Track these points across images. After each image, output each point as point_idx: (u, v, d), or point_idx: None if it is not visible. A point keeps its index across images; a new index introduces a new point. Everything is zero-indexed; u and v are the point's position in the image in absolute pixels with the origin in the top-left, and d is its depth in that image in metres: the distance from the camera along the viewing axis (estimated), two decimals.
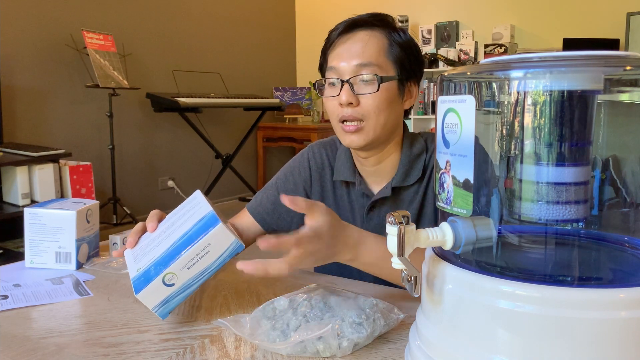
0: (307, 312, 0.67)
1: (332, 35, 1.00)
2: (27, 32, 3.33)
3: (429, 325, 0.55)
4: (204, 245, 0.72)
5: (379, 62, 0.95)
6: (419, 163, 1.02)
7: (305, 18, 5.57)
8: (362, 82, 0.95)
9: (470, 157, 0.51)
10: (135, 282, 0.73)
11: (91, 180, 3.16)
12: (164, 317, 0.75)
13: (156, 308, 0.73)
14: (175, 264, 0.72)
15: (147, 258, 0.76)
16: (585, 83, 0.50)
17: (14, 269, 1.01)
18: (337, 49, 0.98)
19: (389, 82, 0.96)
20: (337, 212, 1.09)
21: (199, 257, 0.73)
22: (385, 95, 0.95)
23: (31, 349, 0.68)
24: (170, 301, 0.73)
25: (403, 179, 1.01)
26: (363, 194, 1.06)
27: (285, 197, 0.73)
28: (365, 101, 0.95)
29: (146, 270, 0.73)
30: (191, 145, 4.45)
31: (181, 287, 0.73)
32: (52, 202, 1.07)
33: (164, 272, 0.72)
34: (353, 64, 0.95)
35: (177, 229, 0.77)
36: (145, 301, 0.72)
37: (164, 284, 0.72)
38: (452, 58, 4.56)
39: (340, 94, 0.95)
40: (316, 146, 1.14)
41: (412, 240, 0.52)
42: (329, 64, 0.99)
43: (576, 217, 0.52)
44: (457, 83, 0.55)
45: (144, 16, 4.07)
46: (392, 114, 0.98)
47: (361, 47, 0.95)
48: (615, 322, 0.45)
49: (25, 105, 3.35)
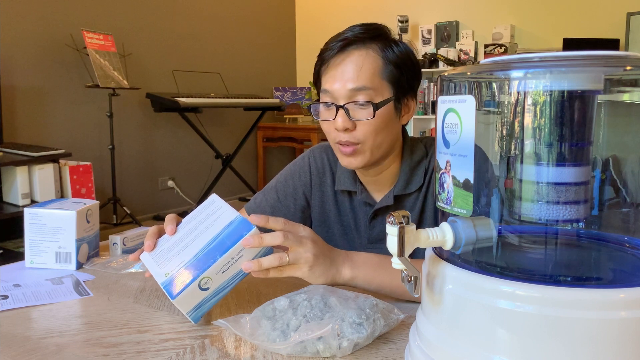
0: (307, 312, 0.67)
1: (325, 55, 0.97)
2: (27, 32, 3.33)
3: (429, 325, 0.55)
4: (239, 249, 0.74)
5: (373, 85, 0.93)
6: (420, 169, 1.02)
7: (305, 18, 5.57)
8: (357, 107, 0.93)
9: (470, 157, 0.51)
10: (168, 286, 0.74)
11: (91, 180, 3.16)
12: (196, 321, 0.76)
13: (190, 312, 0.74)
14: (211, 269, 0.73)
15: (175, 263, 0.76)
16: (585, 83, 0.50)
17: (14, 269, 1.01)
18: (331, 71, 0.95)
19: (385, 106, 0.94)
20: (338, 218, 1.09)
21: (233, 261, 0.74)
22: (381, 119, 0.94)
23: (31, 349, 0.68)
24: (204, 305, 0.75)
25: (405, 187, 1.01)
26: (365, 202, 1.05)
27: (256, 216, 0.78)
28: (361, 126, 0.94)
29: (178, 275, 0.74)
30: (191, 145, 4.45)
31: (215, 291, 0.74)
32: (52, 202, 1.07)
33: (200, 277, 0.73)
34: (347, 87, 0.93)
35: (203, 233, 0.78)
36: (180, 306, 0.73)
37: (200, 289, 0.73)
38: (452, 58, 4.56)
39: (336, 119, 0.94)
40: (317, 150, 1.13)
41: (412, 240, 0.52)
42: (323, 86, 0.97)
43: (576, 217, 0.52)
44: (457, 83, 0.55)
45: (144, 16, 4.07)
46: (389, 134, 0.97)
47: (355, 71, 0.93)
48: (615, 322, 0.45)
49: (25, 105, 3.35)
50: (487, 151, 0.54)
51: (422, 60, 4.62)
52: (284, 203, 1.11)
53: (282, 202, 1.11)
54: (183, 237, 0.80)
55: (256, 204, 1.14)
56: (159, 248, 0.81)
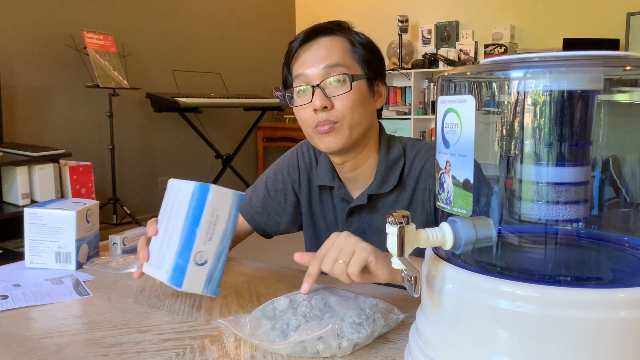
0: (307, 312, 0.67)
1: (293, 45, 0.99)
2: (27, 32, 3.33)
3: (429, 325, 0.55)
4: (210, 212, 0.75)
5: (345, 62, 0.95)
6: (396, 169, 1.01)
7: (305, 18, 5.57)
8: (332, 85, 0.94)
9: (470, 157, 0.51)
10: (172, 280, 0.75)
11: (91, 180, 3.16)
12: (215, 293, 0.78)
13: (205, 289, 0.76)
14: (197, 243, 0.75)
15: (168, 257, 0.77)
16: (585, 83, 0.50)
17: (14, 269, 1.01)
18: (302, 57, 0.97)
19: (359, 81, 0.95)
20: (322, 214, 1.10)
21: (212, 225, 0.76)
22: (358, 95, 0.95)
23: (31, 349, 0.68)
24: (213, 277, 0.77)
25: (379, 187, 1.00)
26: (343, 199, 1.05)
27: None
28: (339, 103, 0.94)
29: (175, 265, 0.75)
30: (191, 145, 4.45)
31: (214, 259, 0.76)
32: (52, 202, 1.07)
33: (192, 256, 0.74)
34: (321, 67, 0.94)
35: (176, 217, 0.79)
36: (191, 289, 0.75)
37: (198, 265, 0.75)
38: (452, 58, 4.56)
39: (313, 100, 0.94)
40: (305, 145, 1.13)
41: (412, 240, 0.52)
42: (295, 72, 0.98)
43: (576, 217, 0.52)
44: (457, 83, 0.55)
45: (144, 16, 4.07)
46: (366, 113, 0.98)
47: (326, 51, 0.95)
48: (615, 322, 0.45)
49: (25, 105, 3.35)
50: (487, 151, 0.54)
51: (422, 60, 4.63)
52: (275, 198, 1.11)
53: (273, 198, 1.12)
54: (164, 232, 0.81)
55: (247, 201, 1.13)
56: (152, 253, 0.83)
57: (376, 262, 0.75)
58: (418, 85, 4.73)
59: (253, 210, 1.12)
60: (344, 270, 0.75)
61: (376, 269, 0.75)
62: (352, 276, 0.75)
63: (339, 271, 0.75)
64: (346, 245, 0.76)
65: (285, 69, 1.02)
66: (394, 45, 4.77)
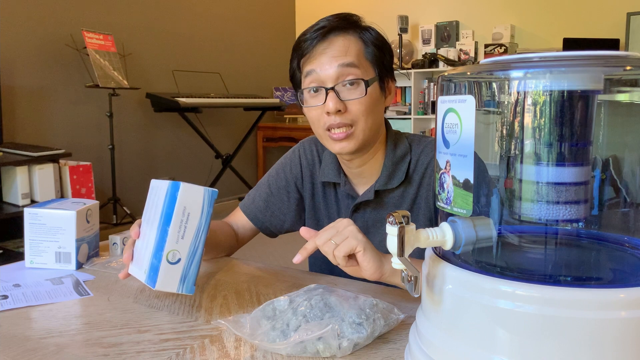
0: (307, 312, 0.67)
1: (305, 45, 0.96)
2: (27, 32, 3.33)
3: (429, 325, 0.55)
4: (181, 210, 0.75)
5: (359, 62, 0.94)
6: (403, 165, 1.01)
7: (305, 18, 5.57)
8: (347, 88, 0.94)
9: (470, 157, 0.51)
10: (148, 279, 0.76)
11: (91, 180, 3.16)
12: (191, 292, 0.77)
13: (179, 288, 0.76)
14: (168, 242, 0.75)
15: (146, 256, 0.78)
16: (585, 83, 0.50)
17: (14, 269, 1.01)
18: (313, 54, 0.95)
19: (373, 84, 0.95)
20: (326, 211, 1.10)
21: (184, 223, 0.75)
22: (371, 99, 0.95)
23: (31, 349, 0.68)
24: (188, 275, 0.76)
25: (386, 182, 1.01)
26: (348, 195, 1.06)
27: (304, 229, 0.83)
28: (353, 107, 0.93)
29: (150, 265, 0.76)
30: (191, 145, 4.45)
31: (187, 258, 0.76)
32: (52, 202, 1.07)
33: (164, 255, 0.74)
34: (335, 65, 0.93)
35: (154, 218, 0.79)
36: (165, 288, 0.75)
37: (171, 263, 0.75)
38: (452, 58, 4.56)
39: (327, 102, 0.93)
40: (307, 142, 1.13)
41: (412, 240, 0.52)
42: (306, 70, 0.96)
43: (576, 217, 0.52)
44: (457, 83, 0.55)
45: (144, 16, 4.07)
46: (378, 115, 0.98)
47: (339, 50, 0.94)
48: (615, 322, 0.45)
49: (25, 105, 3.35)
50: (487, 151, 0.54)
51: (422, 60, 4.63)
52: (278, 196, 1.12)
53: (276, 196, 1.12)
54: (144, 232, 0.82)
55: (250, 200, 1.14)
56: (135, 254, 0.84)
57: (364, 253, 0.77)
58: (418, 85, 4.73)
59: (256, 210, 1.13)
60: (331, 249, 0.77)
61: (363, 260, 0.77)
62: (338, 258, 0.77)
63: (327, 249, 0.78)
64: (343, 230, 0.79)
65: (293, 64, 1.01)
66: (394, 45, 4.77)
